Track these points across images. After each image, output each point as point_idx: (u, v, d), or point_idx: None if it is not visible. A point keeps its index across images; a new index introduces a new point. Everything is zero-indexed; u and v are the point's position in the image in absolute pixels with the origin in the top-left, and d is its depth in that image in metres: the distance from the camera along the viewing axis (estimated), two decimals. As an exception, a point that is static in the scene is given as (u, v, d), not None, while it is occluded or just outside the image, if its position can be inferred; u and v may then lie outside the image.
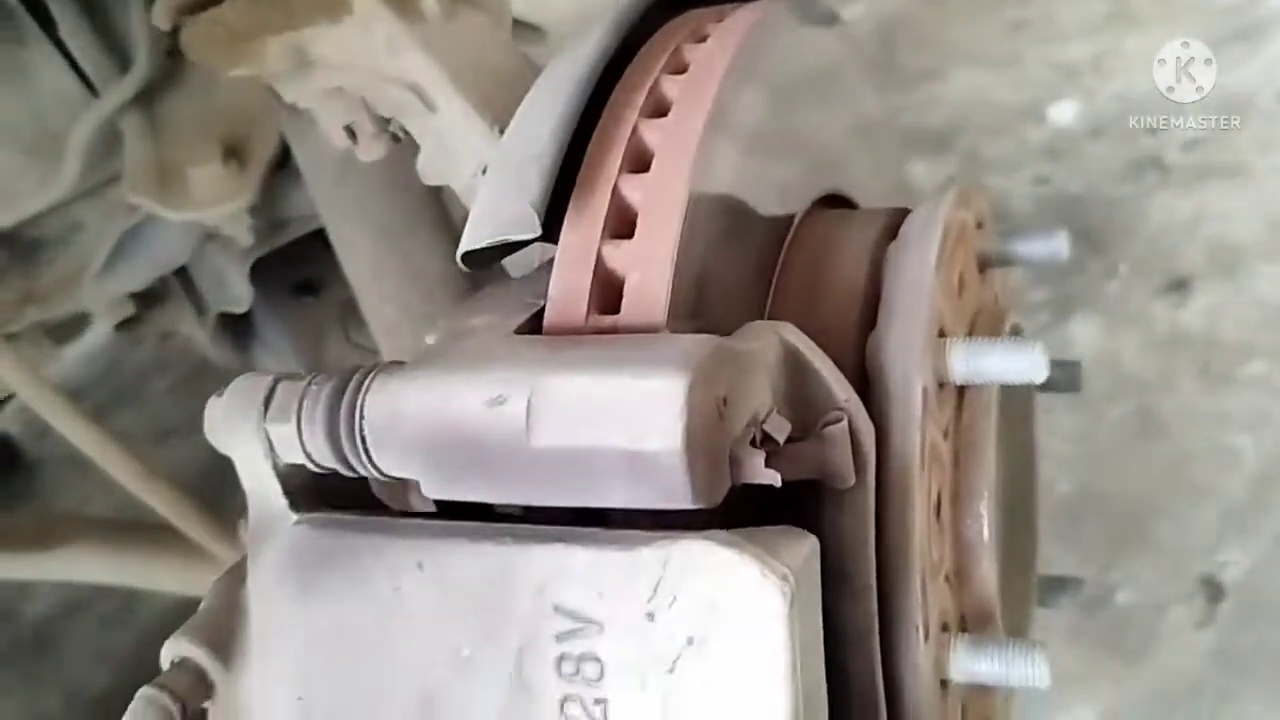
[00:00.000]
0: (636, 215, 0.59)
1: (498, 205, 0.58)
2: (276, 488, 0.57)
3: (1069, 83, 2.48)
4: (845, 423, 0.56)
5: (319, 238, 1.36)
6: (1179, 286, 2.03)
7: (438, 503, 0.57)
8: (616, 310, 0.57)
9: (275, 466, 0.57)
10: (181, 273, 1.34)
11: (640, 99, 0.64)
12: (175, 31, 0.78)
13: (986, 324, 0.73)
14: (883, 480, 0.58)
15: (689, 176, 0.58)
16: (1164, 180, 2.22)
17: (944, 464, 0.65)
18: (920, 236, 0.68)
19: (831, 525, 0.56)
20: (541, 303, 0.59)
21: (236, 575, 0.58)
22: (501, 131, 0.74)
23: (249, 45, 0.72)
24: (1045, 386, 0.73)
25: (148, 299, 1.36)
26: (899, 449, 0.60)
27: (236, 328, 1.43)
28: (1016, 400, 0.84)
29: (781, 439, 0.54)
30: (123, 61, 1.09)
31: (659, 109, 0.64)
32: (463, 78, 0.72)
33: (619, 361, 0.50)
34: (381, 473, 0.54)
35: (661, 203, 0.58)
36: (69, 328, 1.38)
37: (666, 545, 0.47)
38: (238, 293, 1.23)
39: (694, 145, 0.59)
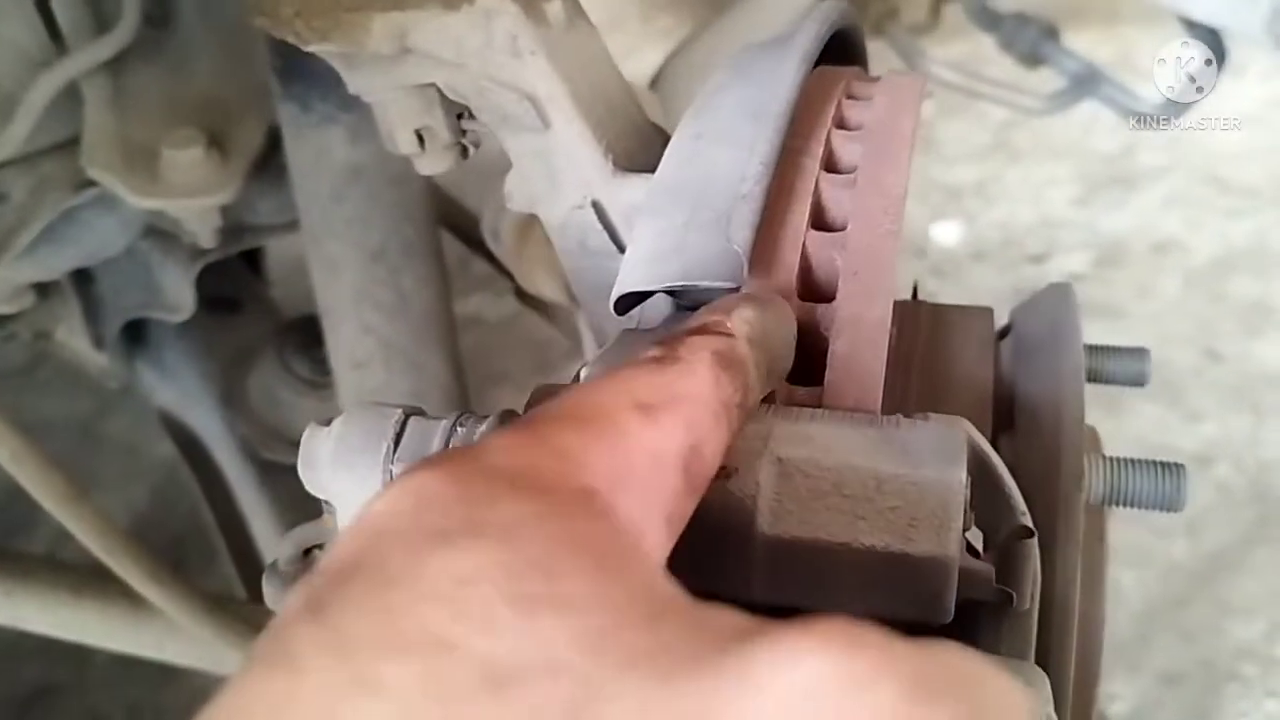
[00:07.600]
0: (833, 279, 0.52)
1: (691, 246, 0.50)
2: (391, 542, 0.46)
3: (952, 204, 2.55)
4: (1036, 539, 0.51)
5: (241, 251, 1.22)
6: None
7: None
8: (810, 381, 0.49)
9: (395, 517, 0.46)
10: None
11: (816, 149, 0.57)
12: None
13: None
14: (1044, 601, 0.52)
15: (894, 243, 0.52)
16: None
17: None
18: (1055, 344, 0.65)
19: (991, 649, 0.50)
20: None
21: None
22: (615, 162, 0.66)
23: (352, 18, 0.62)
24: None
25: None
26: (1060, 570, 0.55)
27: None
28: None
29: (981, 550, 0.49)
30: (99, 20, 0.95)
31: (838, 166, 0.58)
32: (581, 96, 0.64)
33: (878, 445, 0.43)
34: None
35: (868, 269, 0.51)
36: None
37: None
38: (176, 299, 1.08)
39: (897, 212, 0.53)
